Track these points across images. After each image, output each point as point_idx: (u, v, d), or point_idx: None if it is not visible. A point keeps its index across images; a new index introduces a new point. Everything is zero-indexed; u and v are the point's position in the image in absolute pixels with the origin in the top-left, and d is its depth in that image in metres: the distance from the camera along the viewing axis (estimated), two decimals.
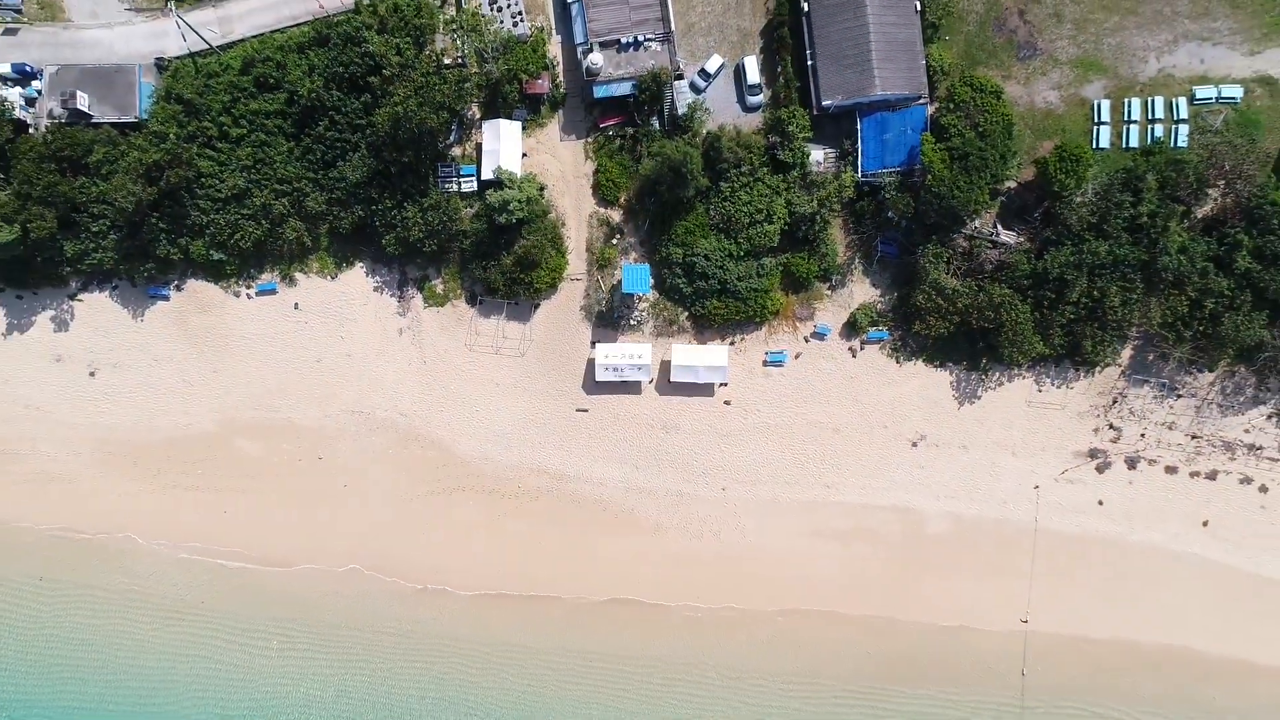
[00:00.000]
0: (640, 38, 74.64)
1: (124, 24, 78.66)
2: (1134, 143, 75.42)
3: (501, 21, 76.58)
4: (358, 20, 73.58)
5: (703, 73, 77.40)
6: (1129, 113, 75.41)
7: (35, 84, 76.94)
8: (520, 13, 76.99)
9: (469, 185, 77.82)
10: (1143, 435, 78.85)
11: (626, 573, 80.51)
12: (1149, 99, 75.24)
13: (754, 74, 76.94)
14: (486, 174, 76.61)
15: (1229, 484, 78.70)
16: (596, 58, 74.66)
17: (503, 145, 76.11)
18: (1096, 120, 75.69)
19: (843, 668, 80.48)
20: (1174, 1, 75.44)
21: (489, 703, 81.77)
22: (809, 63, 74.66)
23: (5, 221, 73.16)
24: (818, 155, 76.16)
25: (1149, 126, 75.38)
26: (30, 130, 76.72)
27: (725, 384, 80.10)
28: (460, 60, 75.69)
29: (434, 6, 75.87)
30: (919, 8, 73.02)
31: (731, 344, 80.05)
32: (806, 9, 73.94)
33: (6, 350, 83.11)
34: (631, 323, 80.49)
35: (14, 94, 75.97)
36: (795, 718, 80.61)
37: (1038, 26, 76.31)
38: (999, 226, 76.23)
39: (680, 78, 76.74)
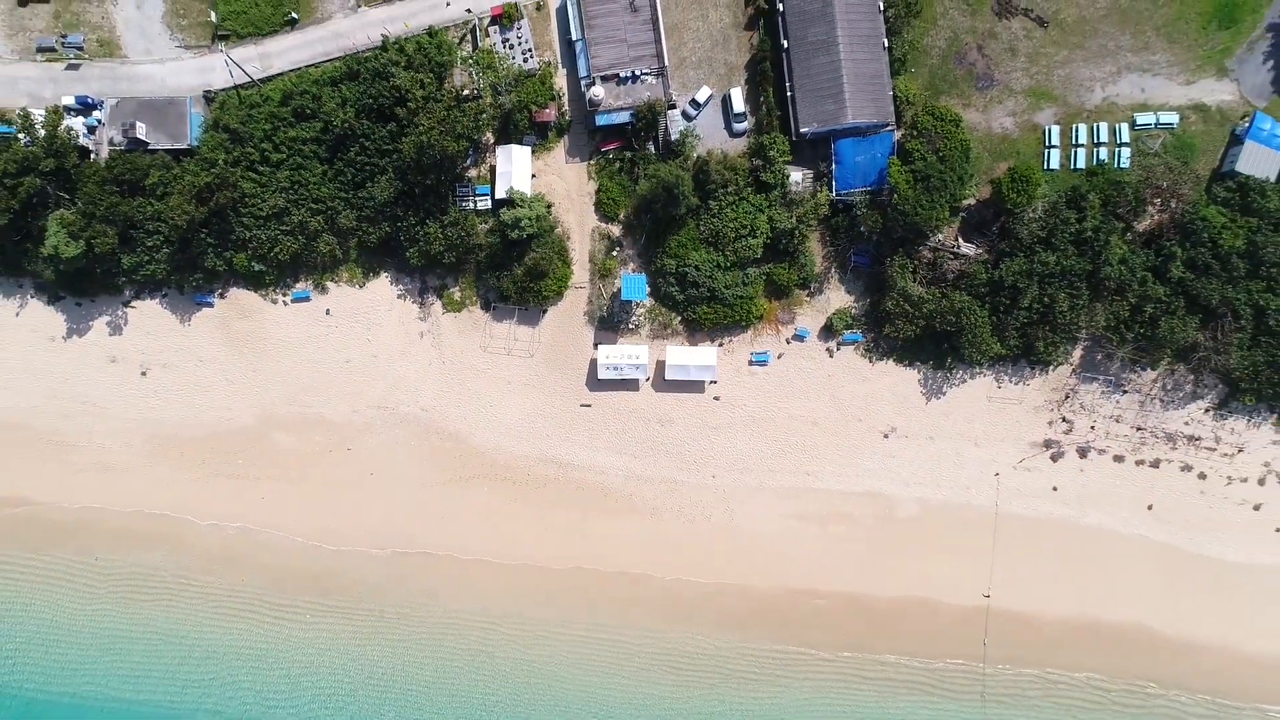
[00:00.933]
0: (637, 72, 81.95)
1: (174, 60, 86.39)
2: (1081, 164, 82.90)
3: (513, 58, 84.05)
4: (385, 57, 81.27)
5: (693, 103, 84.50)
6: (1076, 137, 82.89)
7: (96, 114, 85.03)
8: (530, 50, 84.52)
9: (484, 204, 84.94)
10: (1092, 427, 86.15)
11: (626, 552, 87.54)
12: (1094, 125, 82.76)
13: (739, 104, 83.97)
14: (500, 193, 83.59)
15: (1171, 471, 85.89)
16: (598, 90, 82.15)
17: (514, 168, 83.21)
18: (1047, 144, 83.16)
19: (823, 638, 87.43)
20: (1117, 37, 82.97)
21: (498, 671, 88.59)
22: (788, 94, 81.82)
23: (72, 238, 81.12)
24: (796, 176, 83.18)
25: (1095, 149, 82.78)
26: (91, 156, 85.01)
27: (715, 382, 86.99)
28: (476, 92, 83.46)
29: (453, 44, 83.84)
30: (886, 45, 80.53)
31: (720, 345, 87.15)
32: (786, 46, 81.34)
33: (67, 352, 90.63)
34: (630, 326, 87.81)
35: (78, 123, 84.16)
36: (780, 684, 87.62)
37: (995, 60, 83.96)
38: (960, 239, 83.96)
39: (673, 107, 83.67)
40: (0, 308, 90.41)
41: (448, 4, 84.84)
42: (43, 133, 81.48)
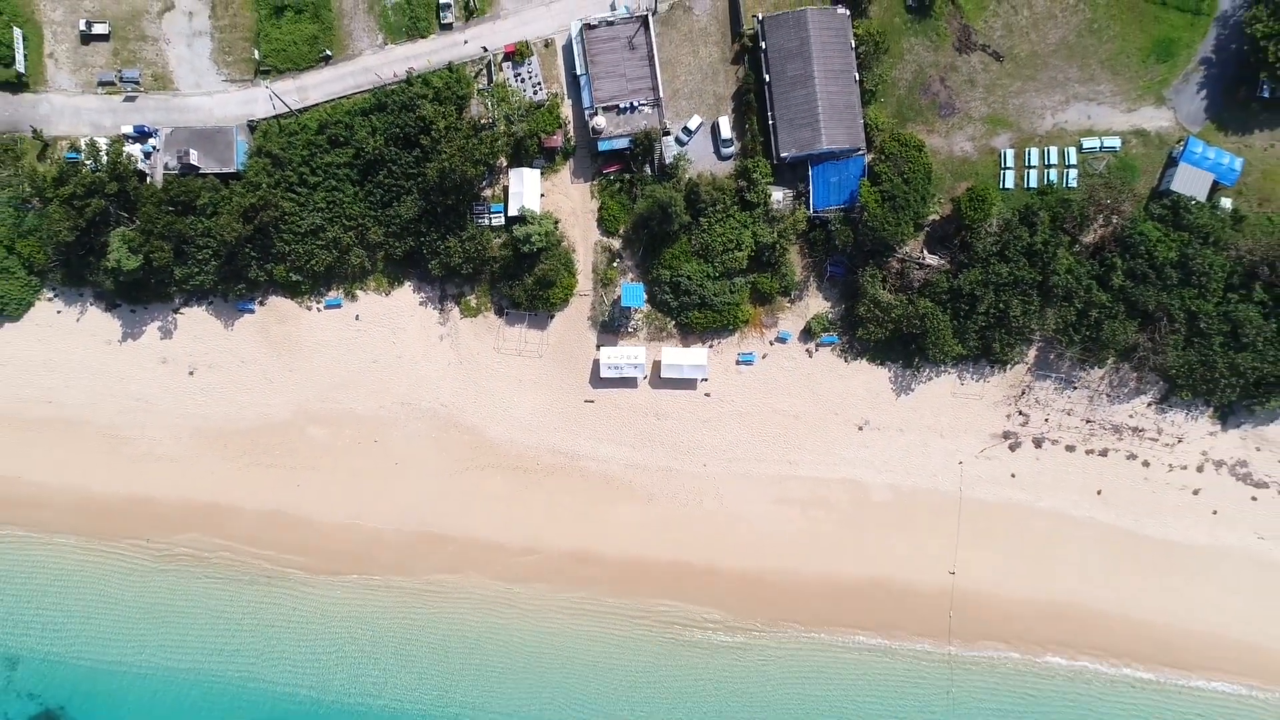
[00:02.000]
0: (635, 103, 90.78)
1: (221, 92, 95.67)
2: (1033, 184, 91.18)
3: (524, 90, 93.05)
4: (412, 91, 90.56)
5: (685, 130, 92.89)
6: (1029, 160, 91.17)
7: (151, 141, 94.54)
8: (539, 83, 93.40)
9: (498, 220, 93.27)
10: (1046, 420, 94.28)
11: (626, 533, 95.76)
12: (1045, 148, 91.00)
13: (727, 131, 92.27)
14: (512, 211, 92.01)
15: (1117, 460, 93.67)
16: (600, 120, 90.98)
17: (525, 188, 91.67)
18: (1003, 166, 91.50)
19: (802, 614, 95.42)
20: (1066, 70, 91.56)
21: (509, 640, 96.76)
22: (770, 122, 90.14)
23: (132, 252, 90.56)
24: (778, 196, 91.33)
25: (1045, 171, 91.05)
26: (148, 179, 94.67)
27: (706, 379, 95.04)
28: (491, 122, 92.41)
29: (471, 79, 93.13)
30: (857, 78, 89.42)
31: (710, 347, 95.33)
32: (768, 80, 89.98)
33: (122, 354, 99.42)
34: (629, 330, 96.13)
35: (135, 150, 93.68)
36: (764, 653, 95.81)
37: (956, 90, 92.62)
38: (924, 252, 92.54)
39: (667, 134, 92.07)
40: (64, 314, 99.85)
41: (465, 42, 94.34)
42: (106, 159, 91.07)
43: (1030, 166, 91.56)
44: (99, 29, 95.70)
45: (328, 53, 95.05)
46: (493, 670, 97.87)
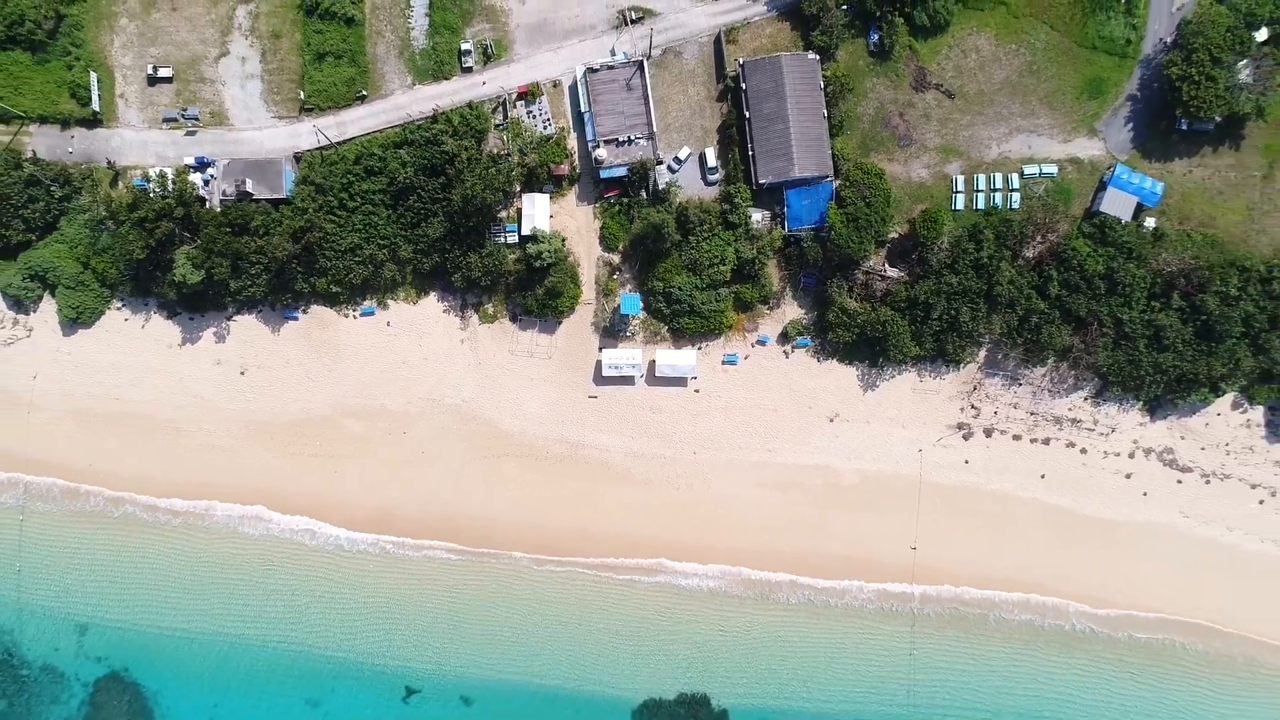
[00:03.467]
0: (632, 137, 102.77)
1: (270, 127, 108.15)
2: (981, 206, 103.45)
3: (535, 126, 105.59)
4: (437, 128, 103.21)
5: (676, 159, 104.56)
6: (977, 184, 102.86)
7: (210, 170, 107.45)
8: (548, 119, 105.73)
9: (513, 239, 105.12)
10: (996, 412, 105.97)
11: (624, 514, 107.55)
12: (991, 174, 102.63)
13: (712, 160, 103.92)
14: (525, 231, 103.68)
15: (1058, 447, 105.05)
16: (602, 151, 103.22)
17: (536, 211, 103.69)
18: (954, 190, 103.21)
19: (784, 586, 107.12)
20: (1009, 105, 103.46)
21: (516, 610, 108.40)
22: (750, 153, 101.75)
23: (195, 268, 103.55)
24: (757, 217, 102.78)
25: (991, 194, 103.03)
26: (208, 204, 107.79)
27: (695, 378, 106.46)
28: (506, 153, 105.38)
29: (488, 115, 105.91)
30: (826, 114, 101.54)
31: (699, 349, 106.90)
32: (748, 116, 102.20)
33: (181, 356, 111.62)
34: (628, 334, 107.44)
35: (195, 178, 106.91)
36: (746, 622, 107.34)
37: (913, 124, 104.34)
38: (886, 265, 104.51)
39: (660, 163, 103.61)
40: (131, 322, 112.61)
41: (484, 83, 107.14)
42: (172, 186, 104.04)
43: (978, 190, 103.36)
44: (164, 72, 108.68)
45: (363, 93, 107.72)
46: (502, 633, 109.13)
